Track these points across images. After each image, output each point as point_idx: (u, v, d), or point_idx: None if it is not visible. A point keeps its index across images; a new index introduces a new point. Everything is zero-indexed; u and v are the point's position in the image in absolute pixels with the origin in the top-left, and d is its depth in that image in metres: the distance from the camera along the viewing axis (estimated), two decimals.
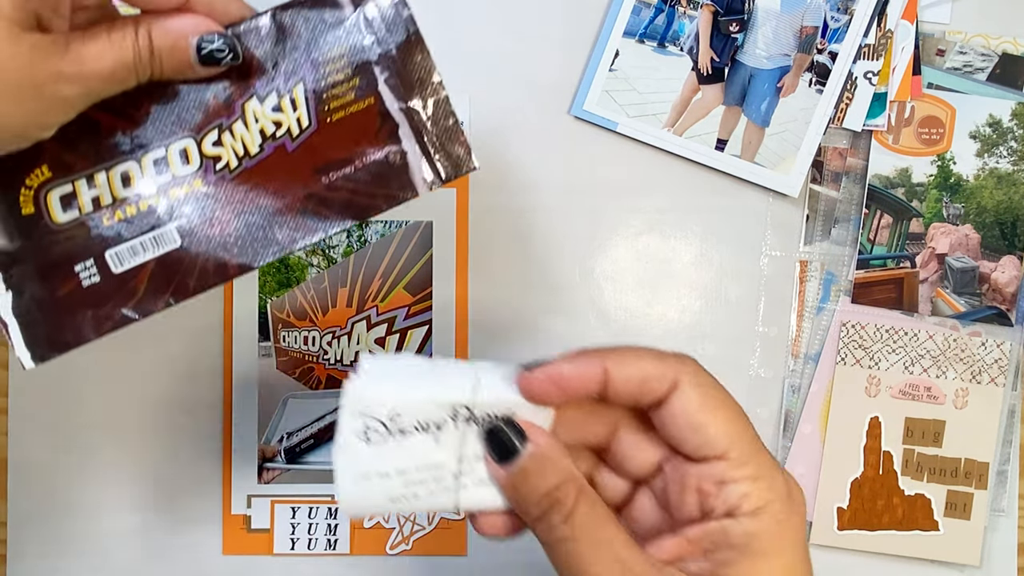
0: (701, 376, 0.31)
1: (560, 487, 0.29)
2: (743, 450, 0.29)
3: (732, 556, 0.29)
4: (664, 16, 0.52)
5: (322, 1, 0.33)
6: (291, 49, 0.33)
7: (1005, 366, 0.52)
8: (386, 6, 0.33)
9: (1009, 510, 0.53)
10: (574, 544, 0.29)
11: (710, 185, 0.53)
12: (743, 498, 0.29)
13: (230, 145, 0.33)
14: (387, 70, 0.33)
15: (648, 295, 0.53)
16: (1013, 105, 0.52)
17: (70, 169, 0.33)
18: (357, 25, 0.33)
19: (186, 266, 0.33)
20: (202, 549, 0.52)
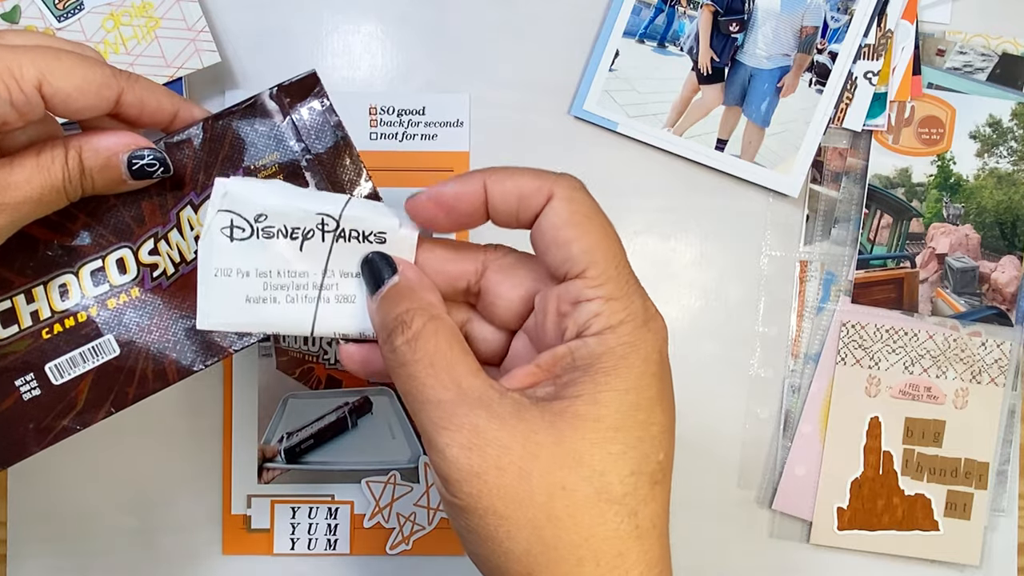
0: (576, 192, 0.30)
1: (410, 311, 0.30)
2: (603, 269, 0.29)
3: (575, 376, 0.28)
4: (664, 16, 0.52)
5: (253, 110, 0.34)
6: (223, 158, 0.34)
7: (1005, 366, 0.52)
8: (315, 114, 0.34)
9: (1009, 510, 0.53)
10: (414, 367, 0.28)
11: (710, 185, 0.53)
12: (594, 318, 0.29)
13: (166, 253, 0.34)
14: (317, 174, 0.34)
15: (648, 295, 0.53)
16: (1013, 105, 0.52)
17: (9, 286, 0.33)
18: (287, 132, 0.34)
19: (125, 375, 0.34)
20: (202, 549, 0.52)
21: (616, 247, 0.30)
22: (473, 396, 0.28)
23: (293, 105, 0.34)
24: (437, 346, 0.29)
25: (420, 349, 0.29)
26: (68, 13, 0.48)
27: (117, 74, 0.32)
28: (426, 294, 0.31)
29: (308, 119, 0.34)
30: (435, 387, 0.28)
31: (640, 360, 0.28)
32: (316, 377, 0.52)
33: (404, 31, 0.53)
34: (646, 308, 0.30)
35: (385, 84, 0.53)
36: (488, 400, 0.28)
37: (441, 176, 0.52)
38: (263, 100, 0.34)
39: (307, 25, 0.52)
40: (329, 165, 0.34)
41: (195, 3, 0.48)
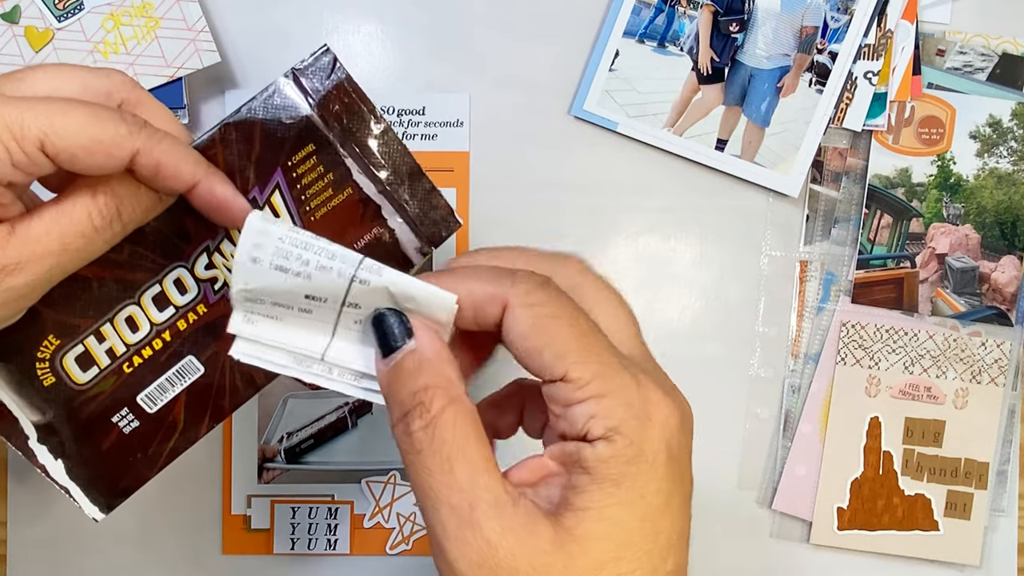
0: (533, 293, 0.28)
1: (429, 389, 0.27)
2: (584, 369, 0.27)
3: (583, 481, 0.27)
4: (664, 16, 0.52)
5: (273, 101, 0.33)
6: (257, 158, 0.33)
7: (1005, 366, 0.52)
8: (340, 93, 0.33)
9: (1009, 510, 0.53)
10: (431, 460, 0.26)
11: (710, 185, 0.53)
12: (590, 420, 0.26)
13: (222, 265, 0.34)
14: (357, 159, 0.34)
15: (648, 295, 0.53)
16: (1013, 105, 0.52)
17: (76, 330, 0.33)
18: (315, 119, 0.33)
19: (216, 389, 0.34)
20: (202, 549, 0.52)
21: (593, 339, 0.27)
22: (487, 502, 0.26)
23: (314, 88, 0.33)
24: (455, 436, 0.26)
25: (438, 439, 0.26)
26: (68, 13, 0.48)
27: (135, 133, 0.29)
28: (446, 368, 0.28)
29: (333, 99, 0.33)
30: (451, 488, 0.26)
31: (647, 465, 0.27)
32: None
33: (404, 31, 0.53)
34: (646, 398, 0.27)
35: (385, 84, 0.53)
36: (502, 508, 0.26)
37: (441, 176, 0.52)
38: (281, 89, 0.33)
39: (307, 25, 0.52)
40: (368, 148, 0.34)
41: (195, 3, 0.48)
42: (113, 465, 0.34)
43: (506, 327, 0.28)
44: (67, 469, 0.34)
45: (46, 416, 0.34)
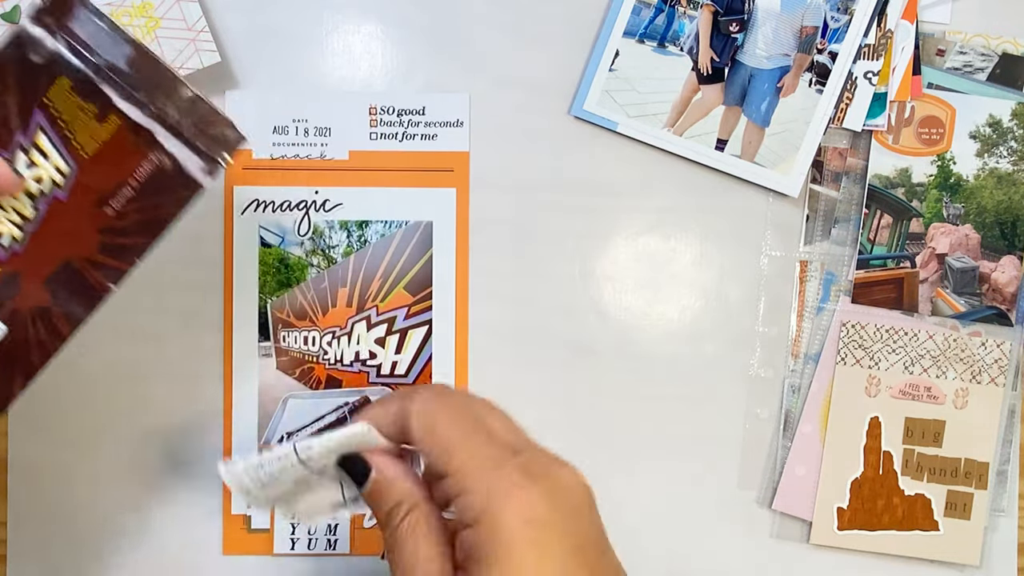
0: (424, 404, 0.33)
1: (397, 506, 0.33)
2: (455, 468, 0.31)
3: (470, 567, 0.31)
4: (664, 16, 0.52)
5: (19, 43, 0.32)
6: (16, 101, 0.32)
7: (1005, 366, 0.52)
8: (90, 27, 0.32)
9: (1009, 510, 0.53)
10: (391, 556, 0.33)
11: (710, 185, 0.53)
12: (463, 512, 0.31)
13: (4, 218, 0.33)
14: (116, 86, 0.33)
15: (648, 295, 0.53)
16: (1013, 105, 0.52)
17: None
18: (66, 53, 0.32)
19: (21, 347, 0.34)
20: (202, 549, 0.52)
21: (465, 439, 0.32)
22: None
23: (61, 24, 0.32)
24: (405, 539, 0.33)
25: (395, 542, 0.33)
26: None
27: None
28: (402, 484, 0.34)
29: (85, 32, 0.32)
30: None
31: (504, 549, 0.30)
32: (316, 377, 0.52)
33: (404, 31, 0.53)
34: (508, 490, 0.30)
35: (385, 84, 0.53)
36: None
37: (441, 176, 0.52)
38: (26, 28, 0.32)
39: (307, 25, 0.52)
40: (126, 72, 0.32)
41: (195, 3, 0.48)
42: None
43: (409, 436, 0.33)
44: None
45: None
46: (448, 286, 0.52)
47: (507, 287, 0.53)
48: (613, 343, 0.53)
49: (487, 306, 0.52)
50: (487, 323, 0.52)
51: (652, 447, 0.53)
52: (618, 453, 0.53)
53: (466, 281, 0.52)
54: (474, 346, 0.52)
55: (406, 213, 0.52)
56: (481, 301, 0.52)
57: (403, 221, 0.52)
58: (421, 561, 0.32)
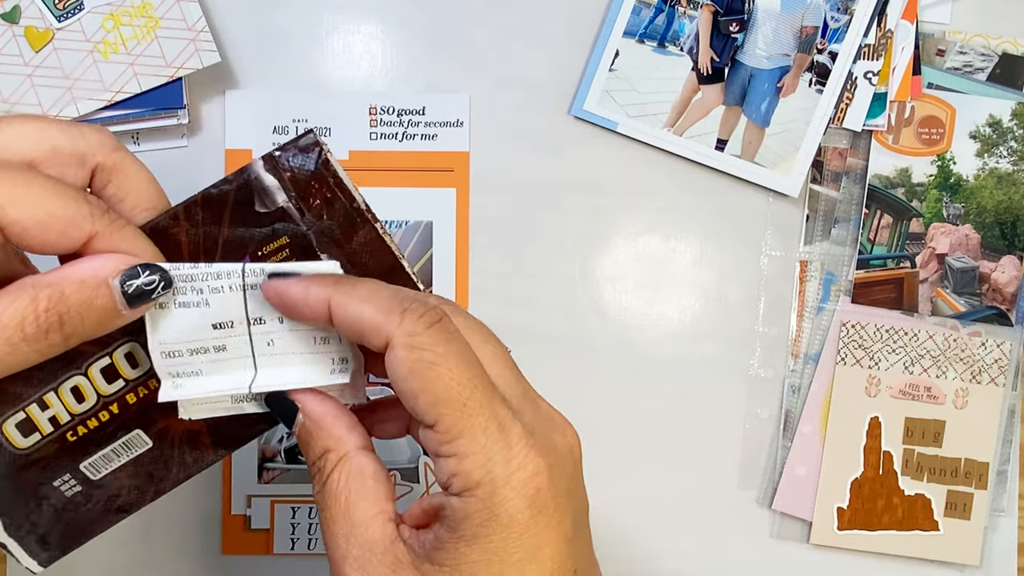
0: (420, 336, 0.27)
1: (324, 455, 0.30)
2: (452, 422, 0.27)
3: (444, 535, 0.28)
4: (664, 16, 0.52)
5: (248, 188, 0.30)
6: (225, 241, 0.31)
7: (1005, 366, 0.52)
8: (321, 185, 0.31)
9: (1009, 510, 0.53)
10: (323, 512, 0.29)
11: (710, 185, 0.53)
12: (452, 477, 0.27)
13: None
14: (333, 259, 0.31)
15: (648, 295, 0.53)
16: (1013, 105, 0.52)
17: (18, 398, 0.32)
18: (291, 210, 0.31)
19: (164, 461, 0.33)
20: (202, 549, 0.52)
21: (468, 391, 0.27)
22: (356, 553, 0.28)
23: (293, 178, 0.30)
24: (337, 495, 0.29)
25: (326, 499, 0.29)
26: (68, 13, 0.48)
27: (98, 216, 0.27)
28: (333, 428, 0.30)
29: (314, 193, 0.31)
30: (331, 543, 0.29)
31: (501, 527, 0.27)
32: None
33: (404, 31, 0.53)
34: (509, 461, 0.27)
35: (385, 84, 0.53)
36: (368, 557, 0.28)
37: (441, 176, 0.52)
38: (258, 173, 0.30)
39: (307, 25, 0.52)
40: (342, 242, 0.31)
41: (195, 3, 0.48)
42: (54, 524, 0.34)
43: (388, 364, 0.27)
44: (5, 526, 0.34)
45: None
46: (448, 286, 0.52)
47: (507, 287, 0.53)
48: (613, 343, 0.53)
49: (487, 306, 0.52)
50: (487, 323, 0.52)
51: (652, 447, 0.53)
52: (618, 453, 0.53)
53: (466, 281, 0.52)
54: None
55: (406, 213, 0.52)
56: (481, 301, 0.52)
57: (403, 221, 0.52)
58: (355, 525, 0.28)
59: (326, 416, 0.30)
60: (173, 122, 0.50)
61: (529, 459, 0.28)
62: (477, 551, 0.27)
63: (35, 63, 0.48)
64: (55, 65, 0.48)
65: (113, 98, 0.48)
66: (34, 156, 0.28)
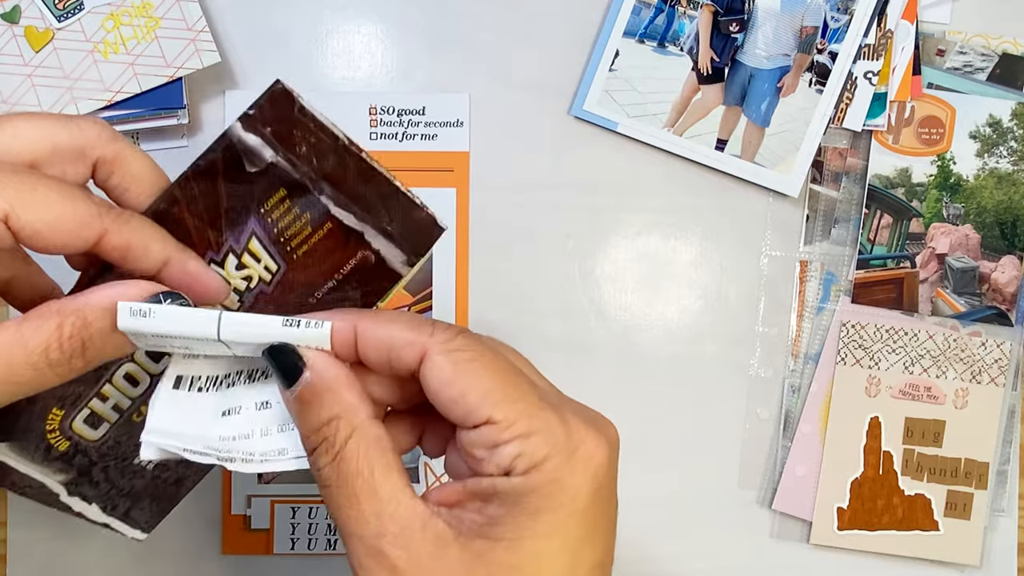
0: (454, 341, 0.27)
1: (332, 422, 0.27)
2: (509, 409, 0.27)
3: (500, 512, 0.27)
4: (664, 16, 0.52)
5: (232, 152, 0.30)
6: (226, 208, 0.31)
7: (1005, 366, 0.52)
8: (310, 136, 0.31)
9: (1009, 510, 0.53)
10: (337, 494, 0.27)
11: (710, 185, 0.53)
12: (516, 459, 0.26)
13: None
14: (332, 196, 0.32)
15: (648, 295, 0.53)
16: (1013, 105, 0.52)
17: (78, 397, 0.33)
18: (281, 162, 0.31)
19: None
20: (201, 549, 0.52)
21: (516, 379, 0.28)
22: (394, 530, 0.26)
23: (275, 131, 0.30)
24: (359, 468, 0.27)
25: (343, 473, 0.27)
26: (68, 13, 0.48)
27: (104, 213, 0.27)
28: (344, 394, 0.28)
29: (298, 140, 0.31)
30: (357, 520, 0.27)
31: (568, 499, 0.27)
32: None
33: (404, 31, 0.53)
34: (570, 435, 0.27)
35: (385, 84, 0.53)
36: (409, 536, 0.26)
37: (441, 176, 0.52)
38: (240, 136, 0.30)
39: (307, 25, 0.52)
40: (340, 182, 0.32)
41: (195, 3, 0.48)
42: (143, 495, 0.36)
43: (427, 375, 0.27)
44: (102, 508, 0.36)
45: (69, 474, 0.35)
46: (448, 286, 0.52)
47: (507, 287, 0.53)
48: (613, 343, 0.53)
49: (487, 306, 0.52)
50: (487, 323, 0.52)
51: (652, 447, 0.53)
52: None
53: (466, 281, 0.52)
54: None
55: None
56: (481, 301, 0.52)
57: None
58: (385, 501, 0.26)
59: (339, 379, 0.28)
60: (173, 122, 0.50)
61: (590, 435, 0.28)
62: (542, 524, 0.26)
63: (35, 63, 0.48)
64: (55, 65, 0.48)
65: (113, 98, 0.48)
66: (35, 156, 0.28)
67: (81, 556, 0.52)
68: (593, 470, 0.27)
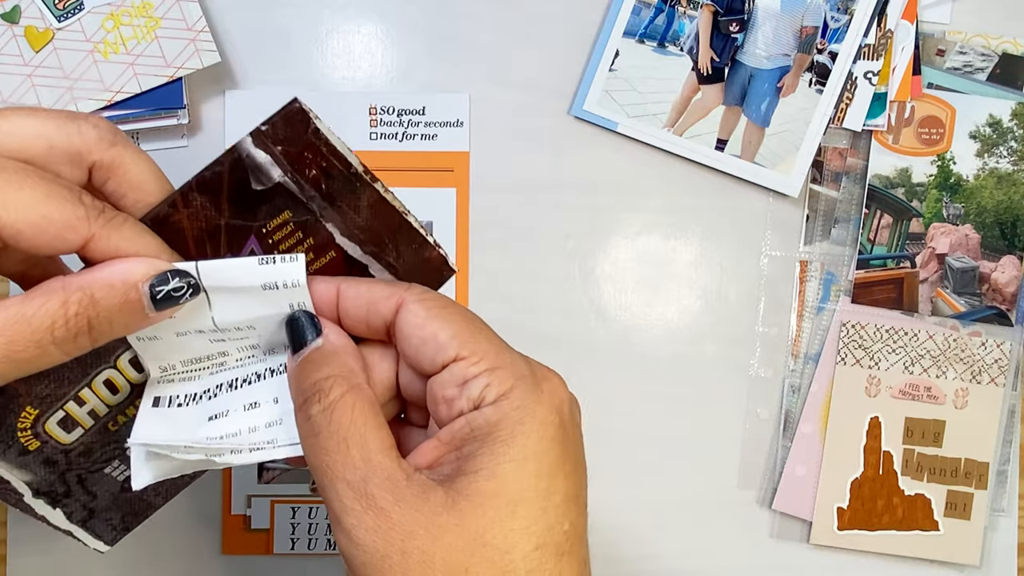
0: (427, 293, 0.30)
1: (330, 378, 0.29)
2: (478, 347, 0.29)
3: (475, 448, 0.28)
4: (664, 16, 0.52)
5: (240, 166, 0.30)
6: (227, 223, 0.30)
7: (1005, 366, 0.52)
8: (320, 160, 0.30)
9: (1009, 510, 0.53)
10: (327, 440, 0.28)
11: (710, 185, 0.53)
12: (485, 389, 0.28)
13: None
14: (337, 226, 0.31)
15: (648, 295, 0.53)
16: (1013, 105, 0.52)
17: (54, 398, 0.32)
18: (290, 184, 0.30)
19: None
20: (201, 549, 0.52)
21: (482, 325, 0.30)
22: (381, 477, 0.27)
23: (285, 151, 0.29)
24: (352, 419, 0.28)
25: (335, 421, 0.28)
26: (68, 13, 0.48)
27: (95, 217, 0.27)
28: (348, 359, 0.30)
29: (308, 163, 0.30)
30: (345, 465, 0.27)
31: (537, 424, 0.28)
32: None
33: (404, 31, 0.53)
34: (534, 371, 0.29)
35: (385, 84, 0.53)
36: (395, 481, 0.27)
37: (441, 176, 0.52)
38: (248, 150, 0.29)
39: (307, 25, 0.52)
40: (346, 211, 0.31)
41: (195, 3, 0.48)
42: (111, 507, 0.35)
43: (401, 321, 0.29)
44: (67, 515, 0.35)
45: (37, 475, 0.33)
46: (448, 286, 0.52)
47: (507, 287, 0.53)
48: (613, 343, 0.53)
49: (487, 306, 0.52)
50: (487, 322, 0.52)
51: (652, 447, 0.53)
52: (618, 453, 0.53)
53: (466, 281, 0.52)
54: None
55: None
56: (481, 301, 0.52)
57: None
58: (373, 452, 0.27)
59: (347, 347, 0.30)
60: (173, 122, 0.50)
61: (552, 374, 0.30)
62: (515, 448, 0.27)
63: (35, 63, 0.48)
64: (55, 65, 0.48)
65: (113, 98, 0.48)
66: (30, 154, 0.28)
67: (81, 557, 0.52)
68: (557, 404, 0.29)
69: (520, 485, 0.27)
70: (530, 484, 0.27)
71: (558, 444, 0.28)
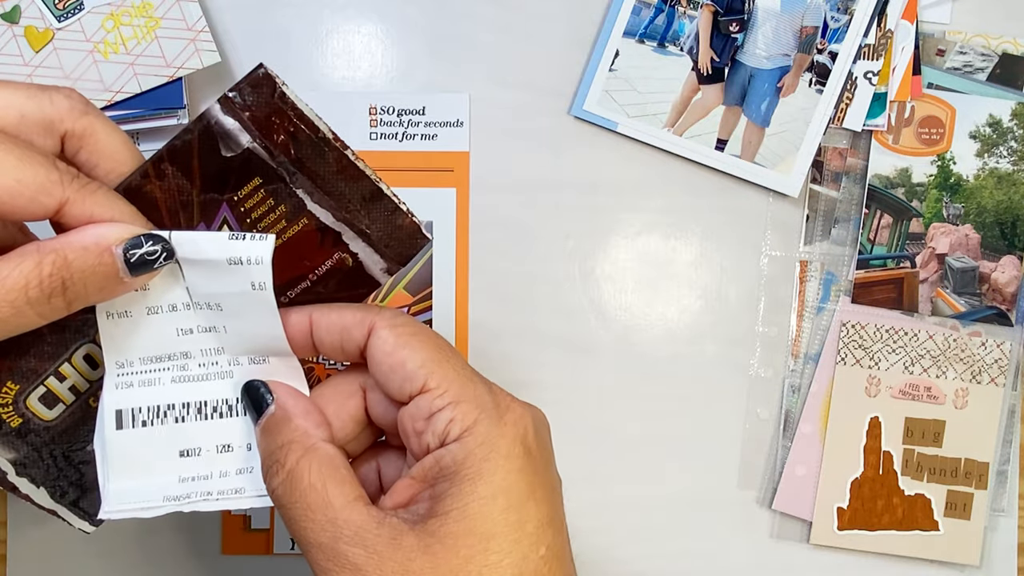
0: (398, 318, 0.31)
1: (284, 446, 0.29)
2: (443, 377, 0.29)
3: (445, 487, 0.28)
4: (664, 16, 0.52)
5: (209, 133, 0.30)
6: (199, 191, 0.31)
7: (1005, 366, 0.52)
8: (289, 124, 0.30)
9: (1009, 510, 0.53)
10: (291, 510, 0.28)
11: (710, 185, 0.53)
12: (449, 424, 0.29)
13: None
14: (310, 190, 0.31)
15: (648, 295, 0.53)
16: (1013, 105, 0.52)
17: (35, 373, 0.32)
18: (258, 149, 0.30)
19: None
20: (201, 549, 0.52)
21: (450, 353, 0.30)
22: (349, 533, 0.27)
23: (254, 116, 0.29)
24: (311, 483, 0.28)
25: (296, 490, 0.28)
26: (68, 13, 0.48)
27: (68, 182, 0.27)
28: (300, 421, 0.30)
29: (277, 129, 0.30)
30: (313, 530, 0.28)
31: (502, 458, 0.28)
32: (316, 377, 0.52)
33: (404, 31, 0.53)
34: (498, 403, 0.30)
35: (385, 84, 0.53)
36: (364, 534, 0.27)
37: (441, 176, 0.52)
38: (217, 118, 0.29)
39: (307, 25, 0.52)
40: (320, 176, 0.31)
41: (195, 3, 0.48)
42: (96, 486, 0.34)
43: (372, 347, 0.30)
44: (51, 494, 0.35)
45: (20, 452, 0.33)
46: (448, 286, 0.52)
47: (507, 287, 0.53)
48: (613, 343, 0.53)
49: (487, 306, 0.52)
50: (487, 323, 0.52)
51: (652, 447, 0.53)
52: (618, 453, 0.53)
53: (466, 281, 0.52)
54: (474, 346, 0.52)
55: None
56: (481, 301, 0.52)
57: None
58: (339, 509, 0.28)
59: (296, 408, 0.31)
60: (173, 122, 0.50)
61: (515, 404, 0.30)
62: (483, 486, 0.28)
63: (35, 63, 0.48)
64: (55, 65, 0.48)
65: (113, 98, 0.48)
66: (1, 124, 0.28)
67: (81, 556, 0.52)
68: (521, 434, 0.29)
69: (490, 522, 0.28)
70: (500, 519, 0.28)
71: (526, 475, 0.29)
